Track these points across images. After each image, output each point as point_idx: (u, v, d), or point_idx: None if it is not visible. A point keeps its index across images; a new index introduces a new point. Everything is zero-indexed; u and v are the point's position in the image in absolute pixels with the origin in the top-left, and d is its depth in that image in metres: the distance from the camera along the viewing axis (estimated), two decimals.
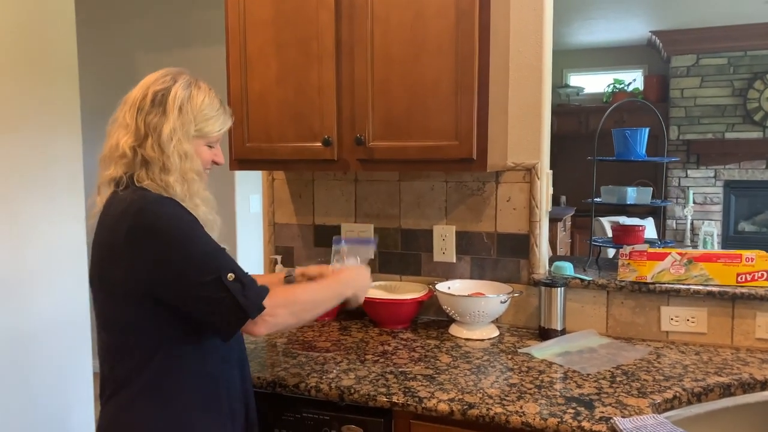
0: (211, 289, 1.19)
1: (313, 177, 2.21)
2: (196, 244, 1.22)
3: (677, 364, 1.63)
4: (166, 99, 1.30)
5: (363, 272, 1.54)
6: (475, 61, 1.64)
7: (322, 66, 1.79)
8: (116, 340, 1.27)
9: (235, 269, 1.23)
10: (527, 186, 1.94)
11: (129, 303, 1.24)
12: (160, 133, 1.28)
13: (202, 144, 1.36)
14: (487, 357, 1.69)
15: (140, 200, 1.23)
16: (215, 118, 1.36)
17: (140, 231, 1.20)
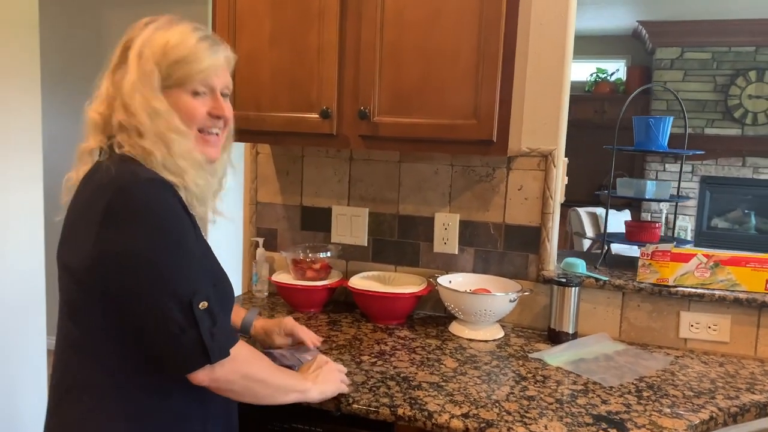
0: (175, 314, 0.97)
1: (303, 153, 1.99)
2: (179, 252, 1.00)
3: (703, 378, 1.49)
4: (129, 49, 1.08)
5: (333, 373, 1.27)
6: (501, 27, 1.45)
7: (322, 25, 1.57)
8: (80, 335, 1.05)
9: (210, 297, 1.01)
10: (542, 174, 1.77)
11: (94, 295, 1.02)
12: (123, 90, 1.06)
13: (183, 94, 1.08)
14: (496, 362, 1.52)
15: (126, 176, 1.00)
16: (191, 56, 1.07)
17: (117, 213, 0.98)
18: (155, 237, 0.98)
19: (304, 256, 1.86)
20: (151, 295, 0.98)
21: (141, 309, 0.98)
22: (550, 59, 1.74)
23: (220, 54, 1.11)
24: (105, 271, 0.99)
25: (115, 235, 0.98)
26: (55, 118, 3.59)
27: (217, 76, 1.11)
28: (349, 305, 1.91)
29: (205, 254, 1.10)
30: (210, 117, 1.11)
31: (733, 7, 5.58)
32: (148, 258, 0.97)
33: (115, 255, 0.98)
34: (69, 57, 3.62)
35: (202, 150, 1.11)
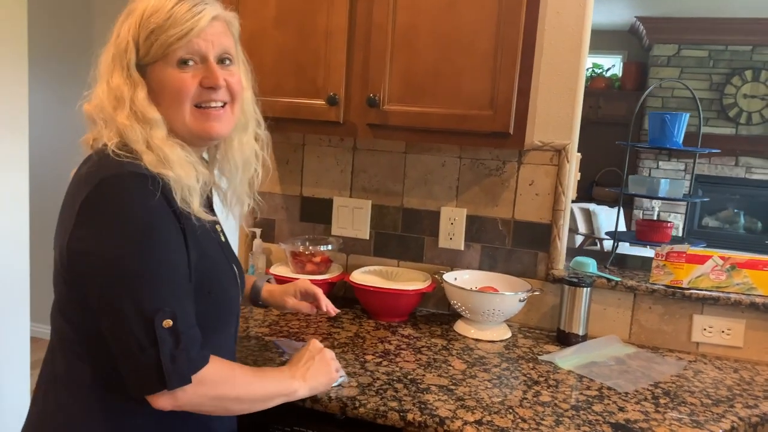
0: (136, 330, 0.87)
1: (304, 141, 1.91)
2: (150, 260, 0.89)
3: (719, 384, 1.44)
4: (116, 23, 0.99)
5: (327, 364, 1.17)
6: (522, 14, 1.37)
7: (331, 6, 1.48)
8: (68, 329, 0.97)
9: (178, 315, 0.89)
10: (554, 169, 1.70)
11: (74, 292, 0.94)
12: (98, 73, 0.98)
13: (167, 67, 0.96)
14: (505, 364, 1.46)
15: (110, 169, 0.91)
16: (168, 22, 0.94)
17: (92, 209, 0.90)
18: (125, 240, 0.88)
19: (303, 249, 1.79)
20: (114, 305, 0.88)
21: (104, 317, 0.90)
22: (565, 50, 1.67)
23: (205, 13, 0.97)
24: (75, 269, 0.92)
25: (86, 233, 0.90)
26: (43, 100, 3.47)
27: (204, 39, 0.97)
28: (349, 300, 1.84)
29: (202, 257, 0.98)
30: (203, 89, 0.98)
31: (731, 5, 5.54)
32: (113, 263, 0.88)
33: (84, 254, 0.89)
34: (58, 36, 3.49)
35: (201, 126, 0.99)
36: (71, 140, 1.05)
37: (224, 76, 1.00)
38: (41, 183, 3.08)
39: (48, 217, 2.94)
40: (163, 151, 0.94)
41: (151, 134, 0.94)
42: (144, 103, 0.95)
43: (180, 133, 1.00)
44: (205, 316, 0.97)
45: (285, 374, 1.11)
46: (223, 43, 1.00)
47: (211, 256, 1.02)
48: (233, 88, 1.02)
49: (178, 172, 0.94)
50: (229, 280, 1.07)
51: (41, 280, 2.83)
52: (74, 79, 3.54)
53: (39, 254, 2.77)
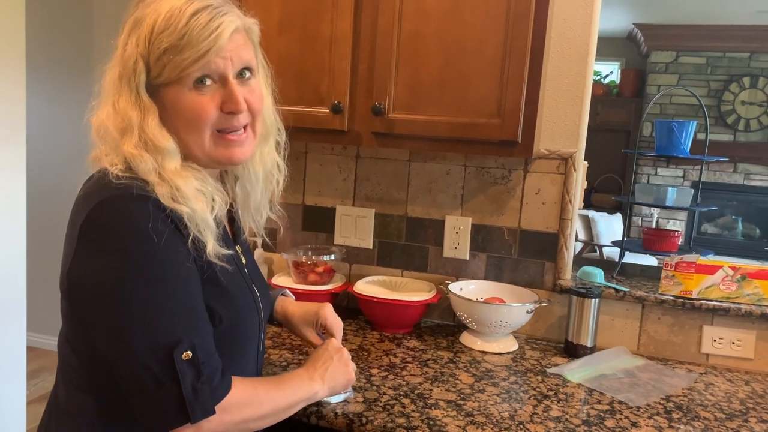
0: (151, 365, 0.81)
1: (306, 149, 1.88)
2: (162, 289, 0.83)
3: (732, 398, 1.41)
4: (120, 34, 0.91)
5: (345, 365, 1.12)
6: (530, 21, 1.35)
7: (336, 12, 1.46)
8: (74, 358, 0.93)
9: (197, 345, 0.84)
10: (561, 178, 1.67)
11: (77, 321, 0.90)
12: (103, 91, 0.90)
13: (183, 90, 0.87)
14: (514, 378, 1.43)
15: (111, 189, 0.85)
16: (183, 41, 0.85)
17: (93, 233, 0.84)
18: (130, 269, 0.82)
19: (306, 259, 1.76)
20: (124, 340, 0.82)
21: (113, 353, 0.84)
22: (572, 58, 1.65)
23: (223, 29, 0.87)
24: (77, 301, 0.86)
25: (86, 262, 0.84)
26: (41, 106, 3.44)
27: (223, 57, 0.88)
28: (352, 311, 1.81)
29: (214, 282, 0.91)
30: (224, 113, 0.90)
31: (729, 12, 5.56)
32: (119, 294, 0.81)
33: (85, 285, 0.84)
34: (56, 43, 3.46)
35: (222, 153, 0.92)
36: (69, 146, 1.00)
37: (244, 94, 0.92)
38: (39, 189, 3.05)
39: (46, 224, 2.93)
40: (176, 183, 0.86)
41: (163, 165, 0.87)
42: (155, 131, 0.87)
43: (196, 159, 0.93)
44: (220, 345, 0.91)
45: (304, 378, 1.05)
46: (243, 57, 0.92)
47: (226, 283, 0.94)
48: (254, 106, 0.94)
49: (192, 206, 0.87)
50: (247, 306, 1.01)
51: (39, 289, 2.80)
52: (72, 84, 3.54)
53: (36, 262, 2.74)
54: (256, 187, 1.06)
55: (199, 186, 0.90)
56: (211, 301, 0.91)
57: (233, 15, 0.91)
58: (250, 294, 1.04)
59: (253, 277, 1.08)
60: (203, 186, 0.91)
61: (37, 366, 3.25)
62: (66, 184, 0.95)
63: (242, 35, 0.93)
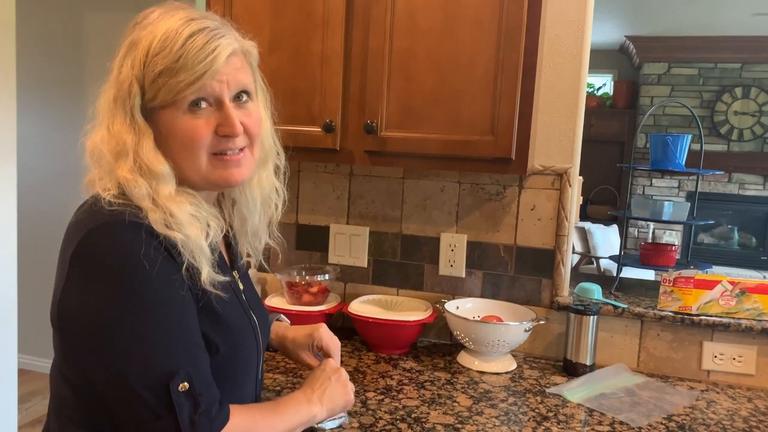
0: (146, 397, 0.79)
1: (300, 167, 1.86)
2: (156, 319, 0.81)
3: (735, 416, 1.38)
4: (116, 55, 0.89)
5: (344, 386, 1.09)
6: (522, 37, 1.34)
7: (327, 31, 1.45)
8: (68, 391, 0.89)
9: (193, 375, 0.82)
10: (556, 194, 1.66)
11: (68, 353, 0.87)
12: (97, 113, 0.89)
13: (178, 113, 0.86)
14: (512, 398, 1.40)
15: (102, 216, 0.82)
16: (179, 63, 0.83)
17: (83, 262, 0.81)
18: (125, 299, 0.79)
19: (300, 279, 1.73)
20: (118, 373, 0.80)
21: (107, 387, 0.81)
22: (565, 73, 1.64)
23: (220, 51, 0.85)
24: (68, 333, 0.84)
25: (76, 292, 0.81)
26: (32, 125, 3.42)
27: (219, 80, 0.86)
28: (347, 331, 1.78)
29: (210, 310, 0.89)
30: (220, 137, 0.88)
31: (720, 23, 5.60)
32: (113, 326, 0.79)
33: (76, 317, 0.81)
34: (47, 61, 3.45)
35: (219, 175, 0.90)
36: (60, 166, 0.98)
37: (241, 118, 0.90)
38: (30, 210, 3.02)
39: (36, 244, 2.90)
40: (170, 209, 0.84)
41: (157, 190, 0.85)
42: (150, 155, 0.85)
43: (193, 182, 0.91)
44: (217, 374, 0.89)
45: (302, 401, 1.02)
46: (240, 80, 0.90)
47: (222, 312, 0.91)
48: (251, 130, 0.92)
49: (186, 232, 0.84)
50: (244, 334, 0.98)
51: (30, 310, 2.76)
52: (63, 105, 3.52)
53: (27, 282, 2.71)
54: (254, 211, 1.04)
55: (194, 211, 0.88)
56: (208, 330, 0.89)
57: (230, 38, 0.89)
58: (248, 321, 1.01)
59: (251, 303, 1.06)
60: (198, 211, 0.89)
61: (29, 390, 3.20)
62: (57, 204, 0.94)
63: (239, 58, 0.91)
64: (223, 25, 0.91)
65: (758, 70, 6.20)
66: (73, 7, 3.41)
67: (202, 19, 0.88)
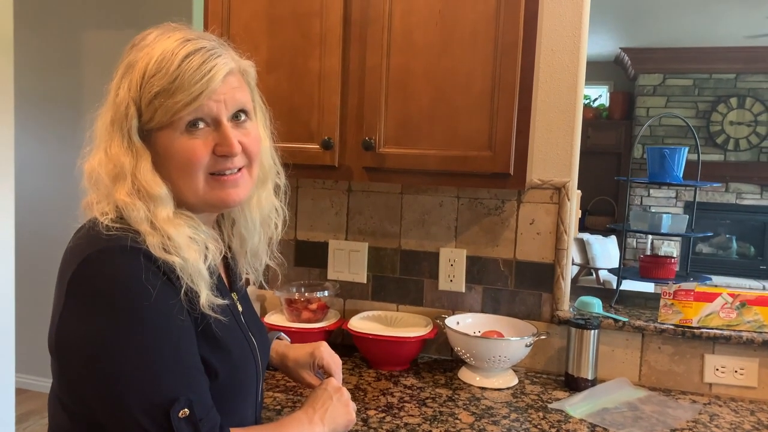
0: (148, 426, 0.78)
1: (298, 183, 1.86)
2: (156, 346, 0.80)
3: (738, 429, 1.37)
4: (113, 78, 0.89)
5: (345, 405, 1.07)
6: (519, 54, 1.35)
7: (325, 49, 1.46)
8: (67, 421, 0.88)
9: (194, 401, 0.81)
10: (555, 208, 1.66)
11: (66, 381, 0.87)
12: (95, 136, 0.89)
13: (175, 134, 0.85)
14: (515, 415, 1.39)
15: (98, 242, 0.82)
16: (175, 84, 0.83)
17: (79, 290, 0.81)
18: (123, 326, 0.79)
19: (299, 296, 1.72)
20: (116, 400, 0.79)
21: (105, 414, 0.81)
22: (561, 88, 1.65)
23: (216, 71, 0.85)
24: (66, 359, 0.83)
25: (76, 319, 0.80)
26: (30, 143, 3.42)
27: (216, 101, 0.86)
28: (347, 348, 1.77)
29: (209, 335, 0.88)
30: (217, 156, 0.88)
31: (714, 34, 5.64)
32: (111, 353, 0.78)
33: (74, 343, 0.80)
34: (45, 79, 3.46)
35: (216, 195, 0.90)
36: (58, 186, 0.97)
37: (239, 137, 0.89)
38: (28, 229, 3.01)
39: (34, 265, 2.89)
40: (168, 232, 0.84)
41: (155, 213, 0.84)
42: (148, 177, 0.85)
43: (191, 204, 0.90)
44: (217, 398, 0.88)
45: (303, 422, 1.00)
46: (238, 100, 0.90)
47: (221, 336, 0.90)
48: (250, 149, 0.92)
49: (184, 255, 0.84)
50: (243, 358, 0.97)
51: (28, 330, 2.75)
52: (61, 124, 3.52)
53: (25, 301, 2.69)
54: (253, 232, 1.03)
55: (192, 234, 0.87)
56: (207, 355, 0.88)
57: (227, 57, 0.89)
58: (247, 344, 1.00)
59: (250, 325, 1.05)
60: (196, 234, 0.88)
61: (27, 409, 3.17)
62: (55, 223, 0.94)
63: (237, 78, 0.91)
64: (220, 45, 0.91)
65: (753, 80, 6.24)
66: (71, 25, 3.43)
67: (198, 40, 0.88)
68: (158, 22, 0.92)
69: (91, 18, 3.38)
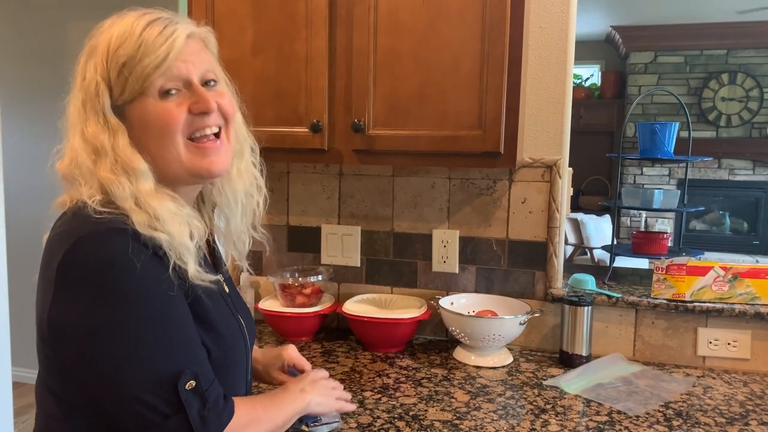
0: (154, 401, 0.79)
1: (288, 168, 1.85)
2: (156, 322, 0.81)
3: (731, 400, 1.39)
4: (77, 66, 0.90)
5: (331, 388, 1.11)
6: (506, 31, 1.34)
7: (311, 31, 1.44)
8: (57, 409, 0.88)
9: (198, 373, 0.83)
10: (546, 186, 1.66)
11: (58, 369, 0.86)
12: (68, 123, 0.89)
13: (148, 100, 0.86)
14: (510, 392, 1.40)
15: (87, 226, 0.81)
16: (141, 50, 0.84)
17: (72, 273, 0.80)
18: (120, 305, 0.79)
19: (293, 281, 1.72)
20: (120, 380, 0.79)
21: (108, 396, 0.81)
22: (551, 65, 1.64)
23: (178, 33, 0.86)
24: (61, 345, 0.82)
25: (68, 302, 0.80)
26: (15, 135, 3.39)
27: (183, 61, 0.87)
28: (342, 331, 1.78)
29: (198, 314, 0.89)
30: (194, 116, 0.88)
31: (704, 10, 5.62)
32: (111, 334, 0.78)
33: (70, 328, 0.80)
34: (30, 70, 3.42)
35: (199, 164, 0.89)
36: (47, 181, 0.97)
37: (214, 97, 0.90)
38: (17, 222, 2.99)
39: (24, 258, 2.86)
40: (152, 207, 0.84)
41: (138, 187, 0.84)
42: (127, 151, 0.85)
43: (175, 174, 0.90)
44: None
45: (295, 391, 1.04)
46: (205, 60, 0.91)
47: (211, 315, 0.91)
48: (225, 109, 0.92)
49: (169, 230, 0.84)
50: (233, 336, 0.98)
51: (22, 324, 2.74)
52: (47, 115, 3.48)
53: (19, 296, 2.68)
54: (236, 210, 1.03)
55: (175, 209, 0.88)
56: (200, 335, 0.89)
57: (185, 23, 0.91)
58: (236, 323, 1.01)
59: (237, 307, 1.06)
60: (180, 209, 0.89)
61: (24, 403, 3.17)
62: (45, 215, 0.93)
63: (198, 42, 0.93)
64: (175, 15, 0.92)
65: (744, 55, 6.23)
66: (55, 16, 3.38)
67: (154, 12, 0.89)
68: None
69: (75, 9, 3.33)
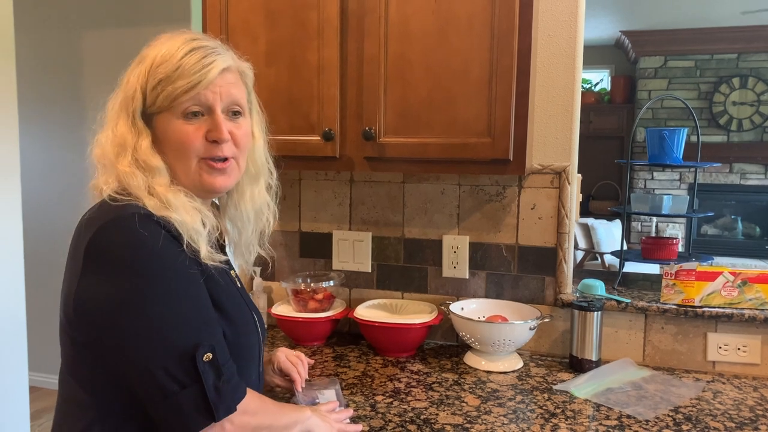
0: (174, 371, 0.86)
1: (300, 175, 1.88)
2: (175, 297, 0.88)
3: (741, 405, 1.39)
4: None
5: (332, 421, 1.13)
6: (515, 39, 1.36)
7: (323, 41, 1.47)
8: (80, 391, 0.93)
9: (216, 347, 0.90)
10: (555, 192, 1.67)
11: (84, 349, 0.91)
12: (106, 118, 0.98)
13: (173, 118, 0.95)
14: (520, 397, 1.41)
15: (110, 213, 0.90)
16: (177, 73, 0.94)
17: (98, 255, 0.87)
18: (143, 282, 0.87)
19: (305, 286, 1.75)
20: (141, 351, 0.86)
21: (130, 366, 0.87)
22: (559, 72, 1.66)
23: (215, 65, 0.95)
24: (87, 320, 0.88)
25: (95, 281, 0.87)
26: (33, 142, 3.45)
27: (212, 91, 0.96)
28: (354, 336, 1.80)
29: (220, 297, 0.97)
30: (208, 142, 0.97)
31: (715, 15, 5.61)
32: (135, 307, 0.86)
33: (96, 303, 0.87)
34: (47, 78, 3.48)
35: (205, 180, 0.98)
36: (63, 186, 1.06)
37: (231, 128, 0.98)
38: (35, 228, 3.04)
39: (43, 264, 2.92)
40: (166, 197, 0.93)
41: (153, 181, 0.93)
42: (147, 152, 0.94)
43: (184, 184, 0.98)
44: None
45: (296, 408, 1.10)
46: (233, 95, 0.99)
47: (225, 301, 0.98)
48: (239, 141, 1.00)
49: (182, 215, 0.92)
50: (247, 323, 1.04)
51: (39, 329, 2.78)
52: (64, 122, 3.55)
53: (35, 302, 2.73)
54: (248, 226, 1.11)
55: (188, 200, 0.96)
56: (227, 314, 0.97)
57: (227, 56, 0.99)
58: (249, 314, 1.07)
59: (250, 305, 1.11)
60: (192, 201, 0.97)
61: (40, 406, 3.22)
62: (61, 221, 1.01)
63: (234, 75, 1.01)
64: (222, 47, 1.01)
65: (755, 59, 6.21)
66: (71, 25, 3.44)
67: (202, 40, 0.99)
68: (158, 20, 1.00)
69: (91, 18, 3.39)
